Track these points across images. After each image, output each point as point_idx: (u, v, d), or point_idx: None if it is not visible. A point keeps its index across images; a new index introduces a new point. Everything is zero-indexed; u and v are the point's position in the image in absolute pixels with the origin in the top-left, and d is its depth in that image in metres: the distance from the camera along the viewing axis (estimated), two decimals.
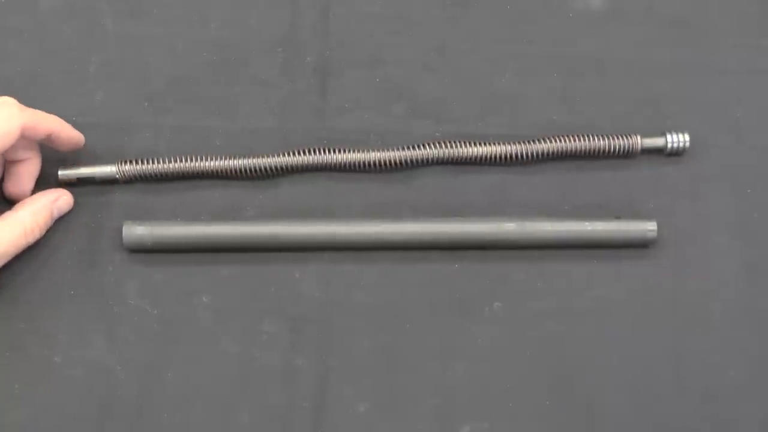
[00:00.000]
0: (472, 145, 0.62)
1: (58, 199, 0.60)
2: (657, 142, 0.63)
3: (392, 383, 0.59)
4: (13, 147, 0.57)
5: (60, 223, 0.61)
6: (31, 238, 0.58)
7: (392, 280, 0.61)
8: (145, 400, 0.58)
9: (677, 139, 0.62)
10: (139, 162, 0.61)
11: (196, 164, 0.61)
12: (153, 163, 0.61)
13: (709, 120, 0.64)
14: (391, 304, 0.60)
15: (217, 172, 0.61)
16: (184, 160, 0.61)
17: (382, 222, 0.61)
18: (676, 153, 0.63)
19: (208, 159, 0.61)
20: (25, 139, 0.57)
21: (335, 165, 0.62)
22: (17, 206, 0.59)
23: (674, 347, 0.60)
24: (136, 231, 0.60)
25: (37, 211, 0.59)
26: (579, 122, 0.64)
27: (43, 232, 0.59)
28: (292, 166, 0.61)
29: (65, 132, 0.59)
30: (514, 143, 0.62)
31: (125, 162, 0.61)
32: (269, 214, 0.62)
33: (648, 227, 0.61)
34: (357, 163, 0.61)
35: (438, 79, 0.65)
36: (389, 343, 0.60)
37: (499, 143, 0.62)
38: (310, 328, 0.60)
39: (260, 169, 0.61)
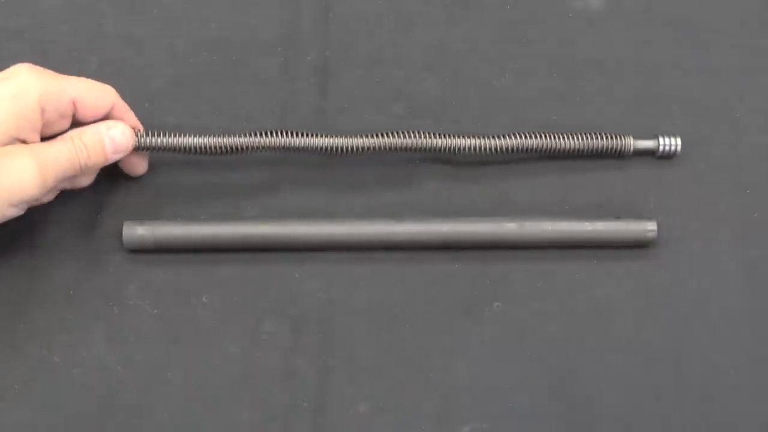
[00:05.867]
0: (453, 137, 0.61)
1: (112, 128, 0.57)
2: (648, 144, 0.62)
3: (392, 383, 0.59)
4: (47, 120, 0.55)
5: (60, 223, 0.61)
6: (80, 159, 0.55)
7: (392, 280, 0.61)
8: (145, 400, 0.58)
9: (669, 143, 0.62)
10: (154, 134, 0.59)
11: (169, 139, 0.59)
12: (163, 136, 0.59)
13: (709, 120, 0.65)
14: (392, 304, 0.60)
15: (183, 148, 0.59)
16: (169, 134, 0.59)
17: (382, 222, 0.61)
18: (668, 156, 0.63)
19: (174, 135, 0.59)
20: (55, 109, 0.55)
21: (296, 148, 0.60)
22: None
23: (674, 347, 0.60)
24: (137, 231, 0.60)
25: (85, 132, 0.56)
26: (579, 122, 0.64)
27: (95, 159, 0.56)
28: (252, 146, 0.59)
29: (95, 99, 0.57)
30: (496, 137, 0.61)
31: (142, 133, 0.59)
32: (269, 214, 0.62)
33: (648, 227, 0.61)
34: (317, 148, 0.60)
35: (438, 79, 0.65)
36: (389, 343, 0.60)
37: (482, 137, 0.61)
38: (310, 328, 0.60)
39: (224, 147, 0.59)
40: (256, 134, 0.59)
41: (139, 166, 0.61)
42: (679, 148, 0.62)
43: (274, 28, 0.66)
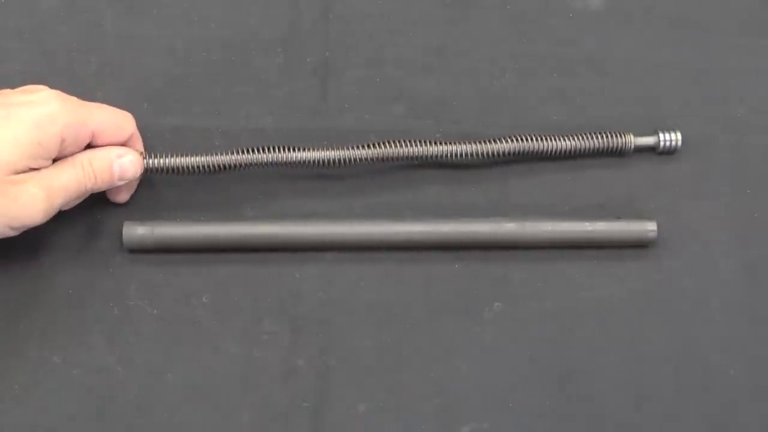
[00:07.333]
0: (452, 144, 0.61)
1: (123, 156, 0.57)
2: (648, 140, 0.63)
3: (392, 383, 0.59)
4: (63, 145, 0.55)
5: (60, 223, 0.61)
6: (87, 185, 0.56)
7: (393, 280, 0.61)
8: (145, 400, 0.58)
9: (669, 138, 0.62)
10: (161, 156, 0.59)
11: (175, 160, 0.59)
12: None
13: (709, 120, 0.65)
14: (392, 304, 0.60)
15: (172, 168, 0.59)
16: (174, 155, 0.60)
17: (382, 222, 0.61)
18: (668, 152, 0.63)
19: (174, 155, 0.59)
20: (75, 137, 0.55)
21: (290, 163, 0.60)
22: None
23: (674, 347, 0.60)
24: (137, 231, 0.60)
25: (96, 158, 0.56)
26: (579, 122, 0.64)
27: (101, 185, 0.57)
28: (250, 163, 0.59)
29: (116, 130, 0.57)
30: (495, 141, 0.61)
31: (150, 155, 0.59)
32: (269, 214, 0.62)
33: (648, 227, 0.61)
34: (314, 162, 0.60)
35: (438, 79, 0.65)
36: (389, 343, 0.60)
37: (481, 142, 0.61)
38: (310, 328, 0.60)
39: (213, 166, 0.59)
40: (258, 150, 0.59)
41: (124, 194, 0.61)
42: (679, 143, 0.62)
43: (274, 28, 0.66)
